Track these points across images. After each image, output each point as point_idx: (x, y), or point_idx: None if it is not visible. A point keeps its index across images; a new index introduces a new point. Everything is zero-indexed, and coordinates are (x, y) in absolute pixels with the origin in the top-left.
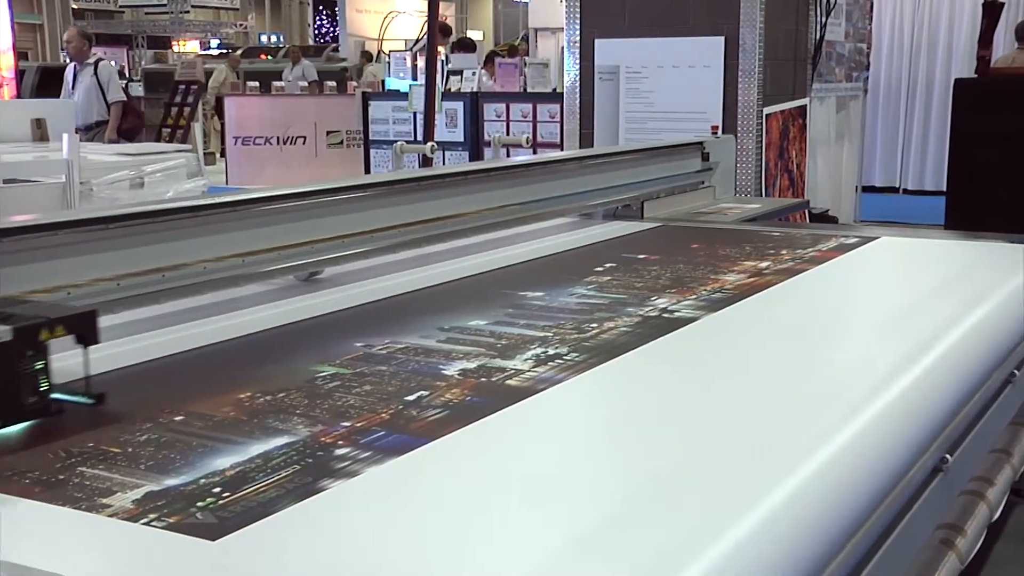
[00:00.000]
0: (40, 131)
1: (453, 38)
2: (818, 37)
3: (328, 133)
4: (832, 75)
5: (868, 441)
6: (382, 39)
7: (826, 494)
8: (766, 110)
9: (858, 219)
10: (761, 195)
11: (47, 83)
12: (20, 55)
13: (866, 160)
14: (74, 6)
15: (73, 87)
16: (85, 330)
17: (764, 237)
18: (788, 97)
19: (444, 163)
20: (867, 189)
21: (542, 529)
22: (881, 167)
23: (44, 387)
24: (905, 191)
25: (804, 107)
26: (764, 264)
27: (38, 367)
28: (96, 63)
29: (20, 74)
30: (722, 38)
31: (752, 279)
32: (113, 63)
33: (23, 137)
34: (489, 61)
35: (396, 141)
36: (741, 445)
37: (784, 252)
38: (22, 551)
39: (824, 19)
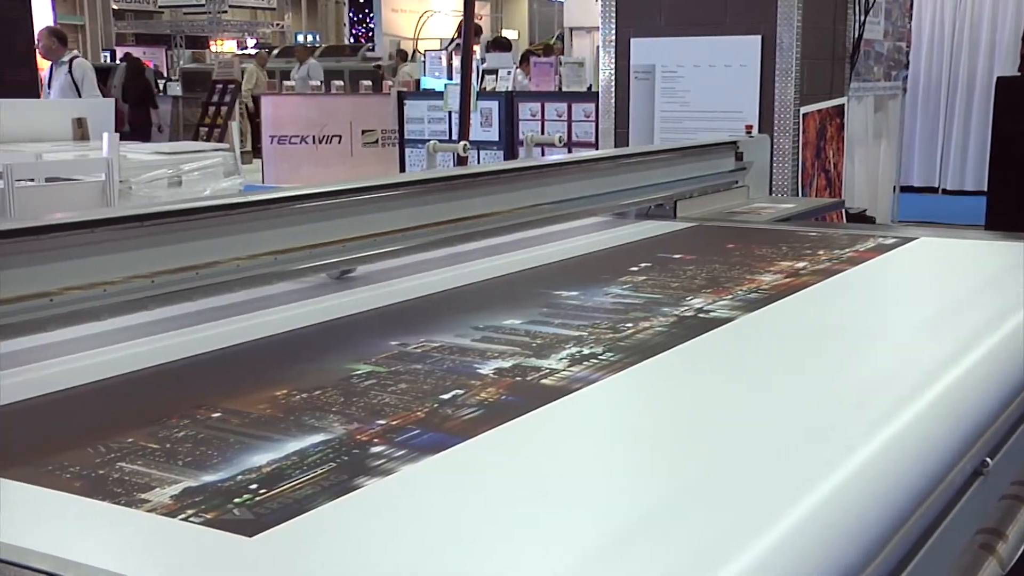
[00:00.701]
0: (81, 130)
1: (488, 37)
2: (856, 36)
3: (363, 132)
4: (870, 74)
5: (907, 444)
6: (417, 38)
7: (864, 497)
8: (803, 109)
9: (896, 219)
10: (797, 195)
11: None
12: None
13: (905, 159)
14: (115, 7)
15: (49, 87)
16: None
17: (801, 237)
18: (825, 96)
19: (478, 162)
20: (905, 189)
21: (576, 529)
22: (920, 167)
23: None
24: (944, 191)
25: (842, 106)
26: (801, 264)
27: None
28: (71, 61)
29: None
30: (759, 37)
31: (789, 279)
32: (88, 60)
33: (64, 136)
34: (524, 60)
35: (430, 140)
36: (778, 446)
37: (821, 252)
38: (63, 544)
39: (863, 17)
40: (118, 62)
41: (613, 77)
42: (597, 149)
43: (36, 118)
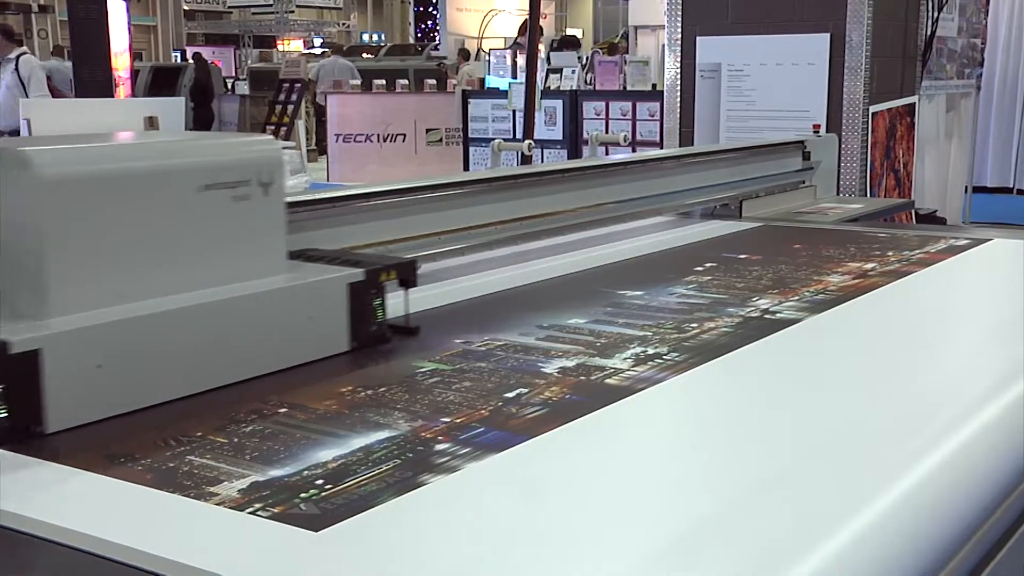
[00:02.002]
0: (152, 128)
1: (552, 36)
2: (929, 33)
3: (427, 131)
4: (943, 72)
5: (974, 453)
6: (482, 37)
7: (929, 506)
8: (872, 108)
9: (968, 220)
10: (866, 195)
11: (159, 82)
12: (135, 55)
13: (978, 159)
14: (185, 7)
15: None
16: (408, 275)
17: (869, 238)
18: (896, 95)
19: (542, 161)
20: (978, 190)
21: (639, 531)
22: (994, 167)
23: (380, 319)
24: (1020, 191)
25: (912, 105)
26: (869, 265)
27: (377, 303)
28: (17, 58)
29: (135, 74)
30: (828, 35)
31: (857, 280)
32: (36, 57)
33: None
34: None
35: (494, 139)
36: (843, 451)
37: (890, 253)
38: (135, 535)
39: (936, 14)
40: (189, 61)
41: (678, 76)
42: (662, 148)
43: (110, 116)
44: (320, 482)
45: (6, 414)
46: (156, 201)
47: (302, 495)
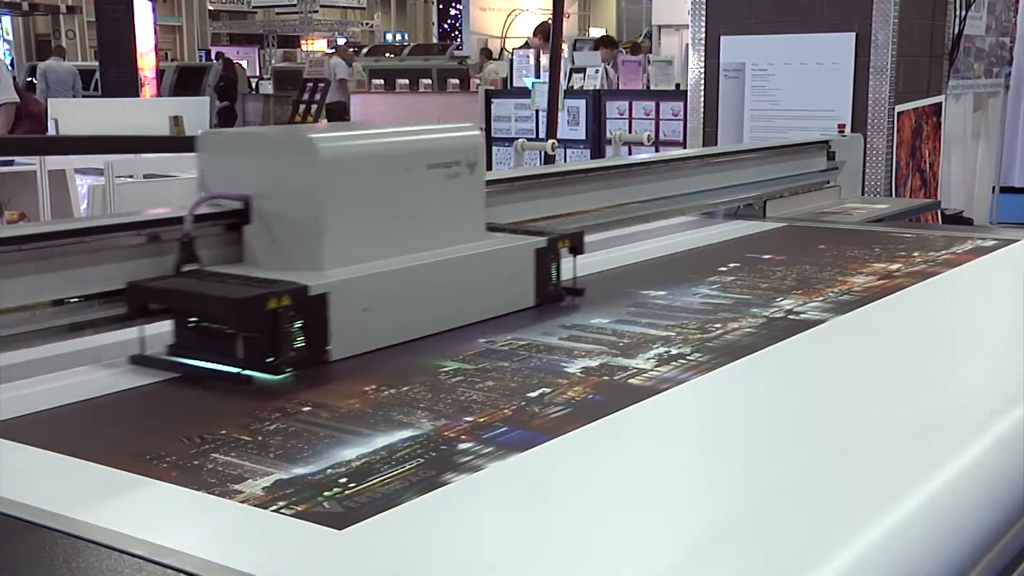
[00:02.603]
0: (178, 128)
1: (574, 35)
2: (957, 32)
3: None
4: (970, 71)
5: (1001, 456)
6: (505, 36)
7: (956, 510)
8: (898, 108)
9: (995, 221)
10: (891, 195)
11: (185, 82)
12: (160, 55)
13: (1006, 159)
14: (210, 7)
15: None
16: (578, 244)
17: (894, 238)
18: (922, 94)
19: (565, 160)
20: (1006, 190)
21: (663, 531)
22: (1022, 166)
23: (556, 280)
24: None
25: (939, 104)
26: (895, 266)
27: (554, 266)
28: None
29: (160, 73)
30: (853, 34)
31: (882, 281)
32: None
33: (162, 134)
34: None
35: (518, 138)
36: (867, 453)
37: (916, 254)
38: (160, 531)
39: (964, 13)
40: (214, 61)
41: (702, 75)
42: (685, 148)
43: (135, 116)
44: (344, 480)
45: (304, 344)
46: (398, 177)
47: (326, 493)
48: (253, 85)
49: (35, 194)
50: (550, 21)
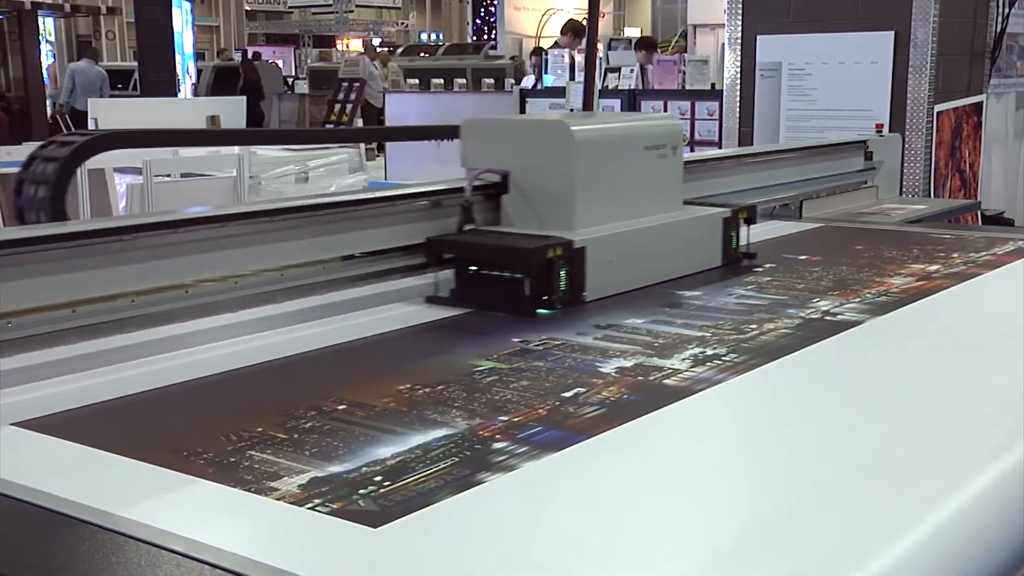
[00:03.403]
0: (214, 127)
1: (608, 35)
2: (999, 30)
3: None
4: (1013, 69)
5: None
6: (540, 36)
7: (994, 513)
8: (937, 107)
9: None
10: (930, 196)
11: (221, 81)
12: (198, 55)
13: None
14: (247, 8)
15: None
16: (752, 215)
17: (933, 239)
18: (963, 94)
19: None
20: None
21: (697, 532)
22: None
23: (736, 245)
24: None
25: (980, 104)
26: (933, 267)
27: (734, 234)
28: None
29: (197, 73)
30: (892, 33)
31: (920, 282)
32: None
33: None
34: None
35: None
36: (904, 456)
37: (955, 255)
38: (197, 527)
39: (1007, 10)
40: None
41: (738, 75)
42: (720, 148)
43: (173, 115)
44: (379, 479)
45: (567, 287)
46: (626, 156)
47: (361, 491)
48: (289, 84)
49: (74, 193)
50: (576, 19)
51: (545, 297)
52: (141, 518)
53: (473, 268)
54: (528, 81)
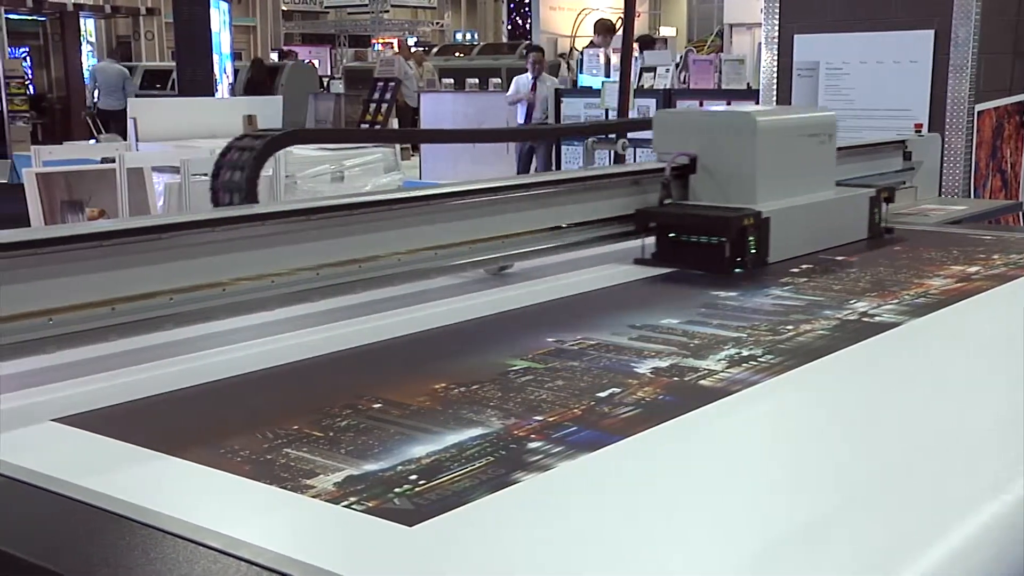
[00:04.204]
0: (251, 127)
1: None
2: None
3: None
4: None
5: None
6: (575, 36)
7: None
8: (978, 107)
9: None
10: (969, 196)
11: (258, 81)
12: (235, 55)
13: None
14: (284, 8)
15: None
16: (891, 195)
17: (973, 240)
18: (1004, 93)
19: (635, 160)
20: None
21: (732, 534)
22: None
23: (879, 222)
24: None
25: (1022, 103)
26: (973, 269)
27: (876, 211)
28: None
29: (234, 73)
30: (932, 31)
31: (960, 284)
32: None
33: (236, 132)
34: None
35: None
36: (942, 460)
37: (996, 256)
38: (234, 524)
39: None
40: (287, 61)
41: (775, 74)
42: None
43: (211, 114)
44: (414, 477)
45: (755, 251)
46: (794, 142)
47: (396, 490)
48: (325, 84)
49: (113, 192)
50: (607, 18)
51: (739, 259)
52: (179, 514)
53: (672, 235)
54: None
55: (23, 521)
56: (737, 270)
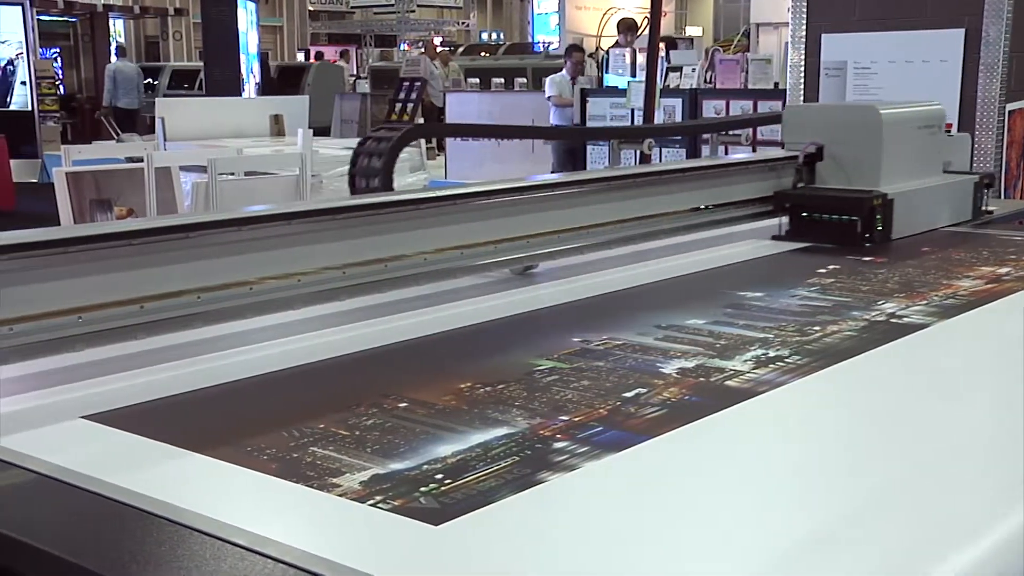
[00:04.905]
0: (278, 126)
1: (669, 33)
2: None
3: None
4: None
5: None
6: (600, 35)
7: None
8: (1009, 106)
9: None
10: (1000, 197)
11: (284, 81)
12: (262, 55)
13: None
14: (310, 8)
15: None
16: (992, 182)
17: (1003, 241)
18: None
19: (661, 160)
20: None
21: (757, 535)
22: None
23: (981, 205)
24: None
25: None
26: (1003, 270)
27: (980, 195)
28: None
29: (261, 73)
30: (962, 30)
31: (990, 285)
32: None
33: (262, 132)
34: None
35: None
36: (970, 463)
37: None
38: (261, 522)
39: None
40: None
41: (802, 74)
42: (783, 148)
43: (237, 114)
44: (440, 476)
45: (881, 228)
46: (911, 132)
47: (422, 489)
48: (351, 84)
49: (141, 191)
50: (631, 16)
51: (867, 234)
52: (206, 511)
53: (805, 213)
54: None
55: (53, 517)
56: (867, 244)
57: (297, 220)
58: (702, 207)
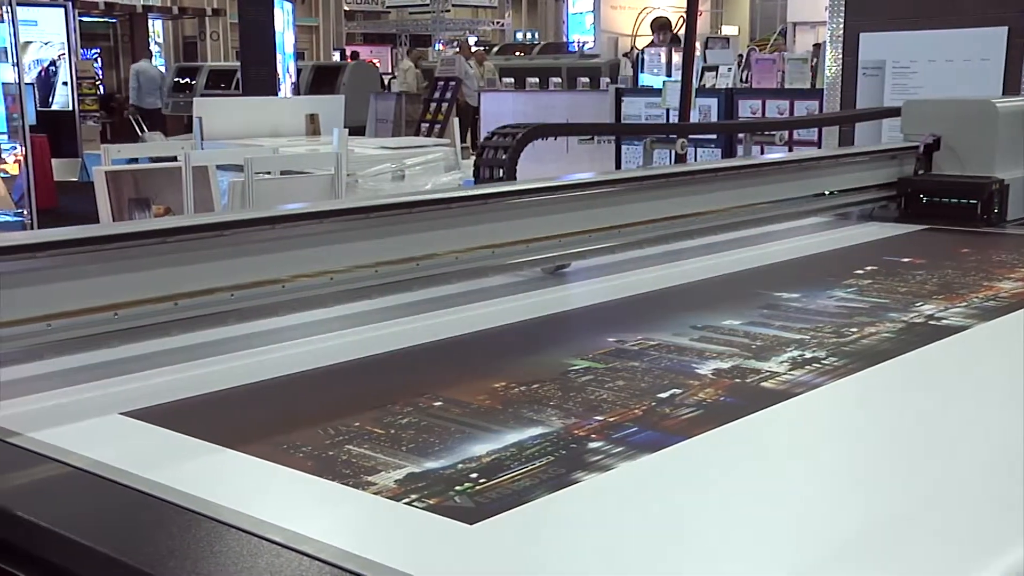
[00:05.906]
0: (313, 125)
1: (706, 33)
2: None
3: None
4: None
5: None
6: (636, 35)
7: None
8: None
9: None
10: None
11: (320, 80)
12: (297, 55)
13: None
14: (346, 8)
15: None
16: None
17: None
18: None
19: (696, 160)
20: None
21: (792, 537)
22: None
23: None
24: None
25: None
26: None
27: None
28: None
29: (297, 72)
30: (1005, 28)
31: None
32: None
33: (298, 131)
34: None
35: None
36: (1009, 468)
37: None
38: (296, 519)
39: None
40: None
41: (840, 73)
42: (820, 147)
43: (274, 114)
44: (474, 476)
45: (997, 210)
46: (1016, 126)
47: (457, 488)
48: (385, 83)
49: (179, 189)
50: (664, 15)
51: (985, 216)
52: (242, 508)
53: (924, 197)
54: None
55: (92, 512)
56: (990, 228)
57: (329, 219)
58: (826, 193)
